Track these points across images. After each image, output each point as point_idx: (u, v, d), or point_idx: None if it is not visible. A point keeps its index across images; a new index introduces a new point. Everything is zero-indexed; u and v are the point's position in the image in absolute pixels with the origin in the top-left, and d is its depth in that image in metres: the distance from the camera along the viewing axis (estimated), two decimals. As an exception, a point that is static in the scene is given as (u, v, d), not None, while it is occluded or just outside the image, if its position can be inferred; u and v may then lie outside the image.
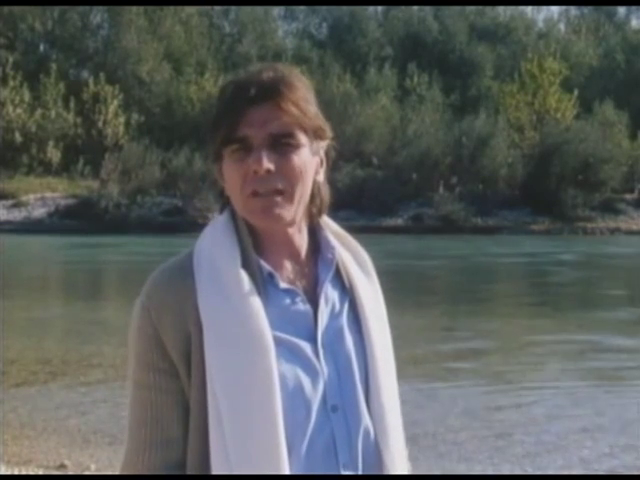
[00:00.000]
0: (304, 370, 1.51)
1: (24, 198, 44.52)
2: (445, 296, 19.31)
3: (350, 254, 1.65)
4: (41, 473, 6.38)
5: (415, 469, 1.74)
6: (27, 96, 51.30)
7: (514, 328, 13.97)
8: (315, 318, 1.55)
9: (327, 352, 1.54)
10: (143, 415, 1.53)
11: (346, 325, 1.58)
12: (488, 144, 45.99)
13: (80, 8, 57.77)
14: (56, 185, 46.51)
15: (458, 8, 65.73)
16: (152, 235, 36.18)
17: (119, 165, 45.55)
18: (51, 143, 50.10)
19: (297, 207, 1.54)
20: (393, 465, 1.56)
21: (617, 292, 19.90)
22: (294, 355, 1.51)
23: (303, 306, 1.55)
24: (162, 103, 54.40)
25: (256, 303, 1.50)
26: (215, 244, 1.56)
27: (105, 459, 6.78)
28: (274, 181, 1.51)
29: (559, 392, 9.25)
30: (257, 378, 1.47)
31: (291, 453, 1.48)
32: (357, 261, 1.65)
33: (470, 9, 67.38)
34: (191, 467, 1.51)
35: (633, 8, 72.46)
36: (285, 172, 1.52)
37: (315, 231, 1.63)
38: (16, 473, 6.33)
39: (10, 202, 44.21)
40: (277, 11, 67.60)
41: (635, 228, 42.54)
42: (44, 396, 8.92)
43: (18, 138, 49.42)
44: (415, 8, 66.94)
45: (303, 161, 1.53)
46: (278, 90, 1.51)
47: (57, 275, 24.13)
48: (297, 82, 1.54)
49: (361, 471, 1.54)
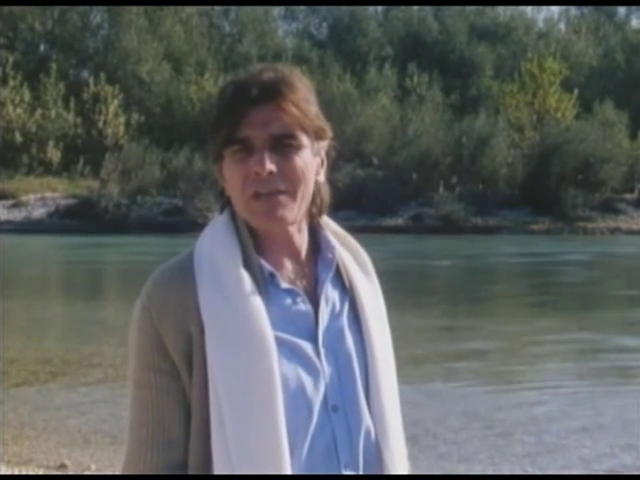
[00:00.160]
0: (305, 370, 1.51)
1: (24, 198, 44.49)
2: (445, 296, 19.31)
3: (350, 254, 1.65)
4: (41, 473, 6.38)
5: (415, 469, 1.74)
6: (27, 96, 51.26)
7: (514, 328, 13.96)
8: (316, 318, 1.55)
9: (328, 352, 1.54)
10: (144, 416, 1.53)
11: (346, 325, 1.58)
12: (488, 144, 45.96)
13: (80, 8, 57.73)
14: (56, 185, 46.49)
15: (458, 8, 65.68)
16: (152, 235, 36.16)
17: (119, 165, 45.51)
18: (51, 143, 50.08)
19: (299, 208, 1.54)
20: (393, 465, 1.56)
21: (617, 292, 19.91)
22: (295, 355, 1.52)
23: (304, 306, 1.55)
24: (162, 103, 54.38)
25: (257, 303, 1.50)
26: (216, 244, 1.56)
27: (105, 459, 6.78)
28: (276, 182, 1.51)
29: (559, 392, 9.25)
30: (259, 378, 1.47)
31: (293, 453, 1.48)
32: (357, 261, 1.65)
33: (470, 9, 67.33)
34: (192, 467, 1.51)
35: (633, 8, 72.43)
36: (287, 173, 1.52)
37: (315, 231, 1.63)
38: (16, 473, 6.33)
39: (10, 202, 44.18)
40: (277, 11, 67.57)
41: (635, 228, 42.50)
42: (44, 396, 8.92)
43: (18, 138, 49.38)
44: (415, 8, 66.89)
45: (305, 162, 1.53)
46: (279, 91, 1.51)
47: (57, 275, 24.13)
48: (298, 82, 1.54)
49: (362, 471, 1.54)
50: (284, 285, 1.55)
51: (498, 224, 42.16)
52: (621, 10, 73.07)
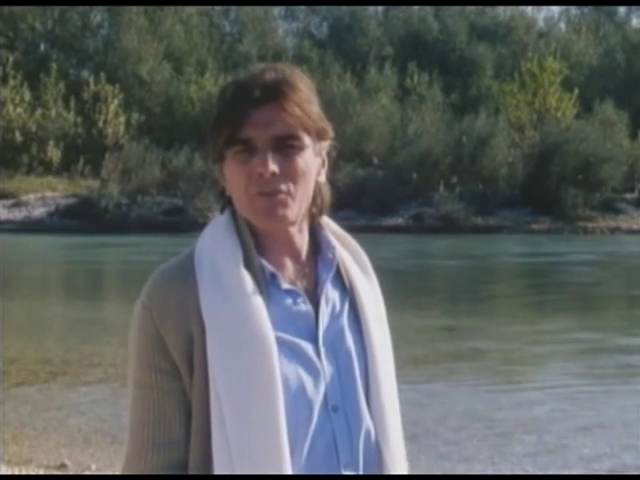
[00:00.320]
0: (306, 370, 1.52)
1: (24, 198, 44.47)
2: (445, 296, 19.30)
3: (350, 254, 1.65)
4: (41, 473, 6.38)
5: (415, 469, 1.74)
6: (27, 96, 51.25)
7: (514, 328, 13.96)
8: (316, 318, 1.55)
9: (328, 352, 1.55)
10: (145, 415, 1.53)
11: (346, 325, 1.58)
12: (488, 144, 45.93)
13: (80, 8, 57.73)
14: (56, 185, 46.47)
15: (458, 8, 65.66)
16: (152, 235, 36.15)
17: (119, 165, 45.48)
18: (51, 143, 50.06)
19: (300, 207, 1.54)
20: (393, 465, 1.57)
21: (618, 292, 19.90)
22: (296, 355, 1.52)
23: (305, 306, 1.55)
24: (162, 103, 54.37)
25: (258, 303, 1.50)
26: (216, 244, 1.56)
27: (106, 459, 6.78)
28: (278, 183, 1.51)
29: (559, 392, 9.25)
30: (260, 378, 1.47)
31: (293, 453, 1.48)
32: (357, 261, 1.65)
33: (470, 9, 67.30)
34: (193, 467, 1.51)
35: (633, 8, 72.38)
36: (289, 174, 1.52)
37: (315, 231, 1.63)
38: (16, 473, 6.33)
39: (10, 202, 44.16)
40: (277, 11, 67.55)
41: (636, 227, 42.45)
42: (44, 396, 8.92)
43: (18, 138, 49.37)
44: (415, 8, 66.84)
45: (307, 163, 1.54)
46: (282, 91, 1.51)
47: (57, 275, 24.12)
48: (300, 83, 1.54)
49: (362, 471, 1.54)
50: (285, 285, 1.55)
51: (498, 224, 42.13)
52: (621, 10, 73.07)
